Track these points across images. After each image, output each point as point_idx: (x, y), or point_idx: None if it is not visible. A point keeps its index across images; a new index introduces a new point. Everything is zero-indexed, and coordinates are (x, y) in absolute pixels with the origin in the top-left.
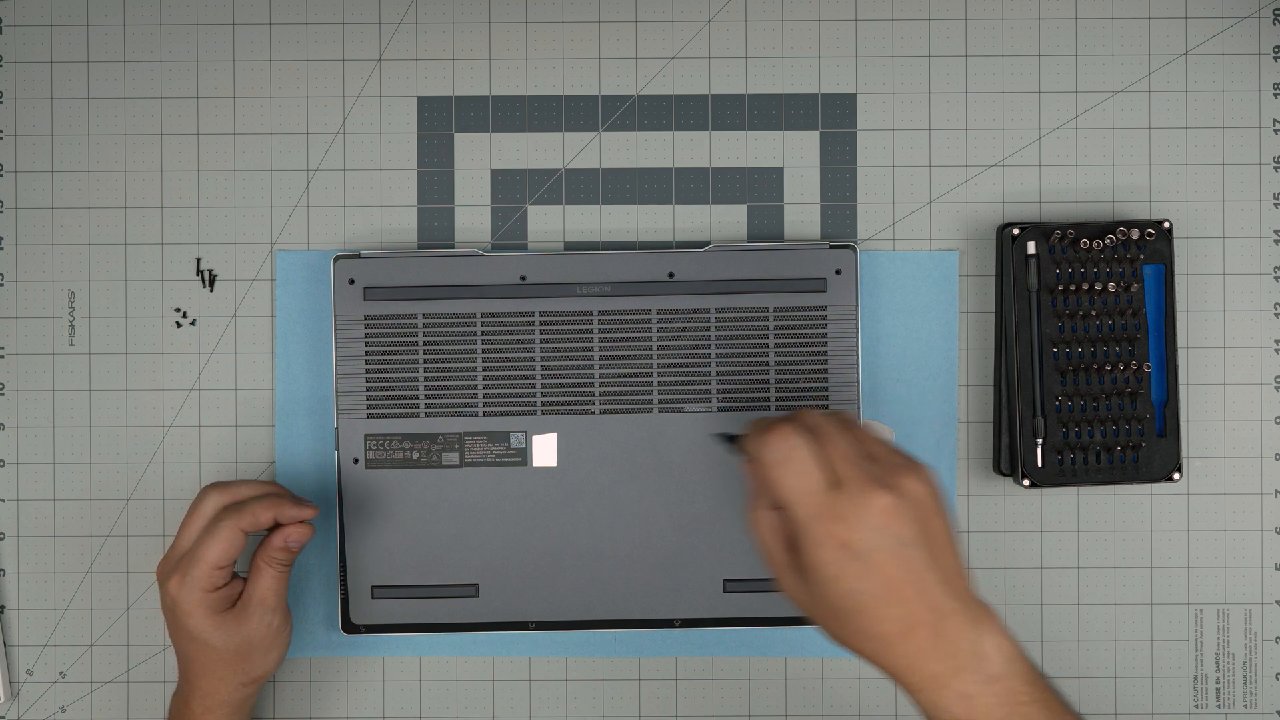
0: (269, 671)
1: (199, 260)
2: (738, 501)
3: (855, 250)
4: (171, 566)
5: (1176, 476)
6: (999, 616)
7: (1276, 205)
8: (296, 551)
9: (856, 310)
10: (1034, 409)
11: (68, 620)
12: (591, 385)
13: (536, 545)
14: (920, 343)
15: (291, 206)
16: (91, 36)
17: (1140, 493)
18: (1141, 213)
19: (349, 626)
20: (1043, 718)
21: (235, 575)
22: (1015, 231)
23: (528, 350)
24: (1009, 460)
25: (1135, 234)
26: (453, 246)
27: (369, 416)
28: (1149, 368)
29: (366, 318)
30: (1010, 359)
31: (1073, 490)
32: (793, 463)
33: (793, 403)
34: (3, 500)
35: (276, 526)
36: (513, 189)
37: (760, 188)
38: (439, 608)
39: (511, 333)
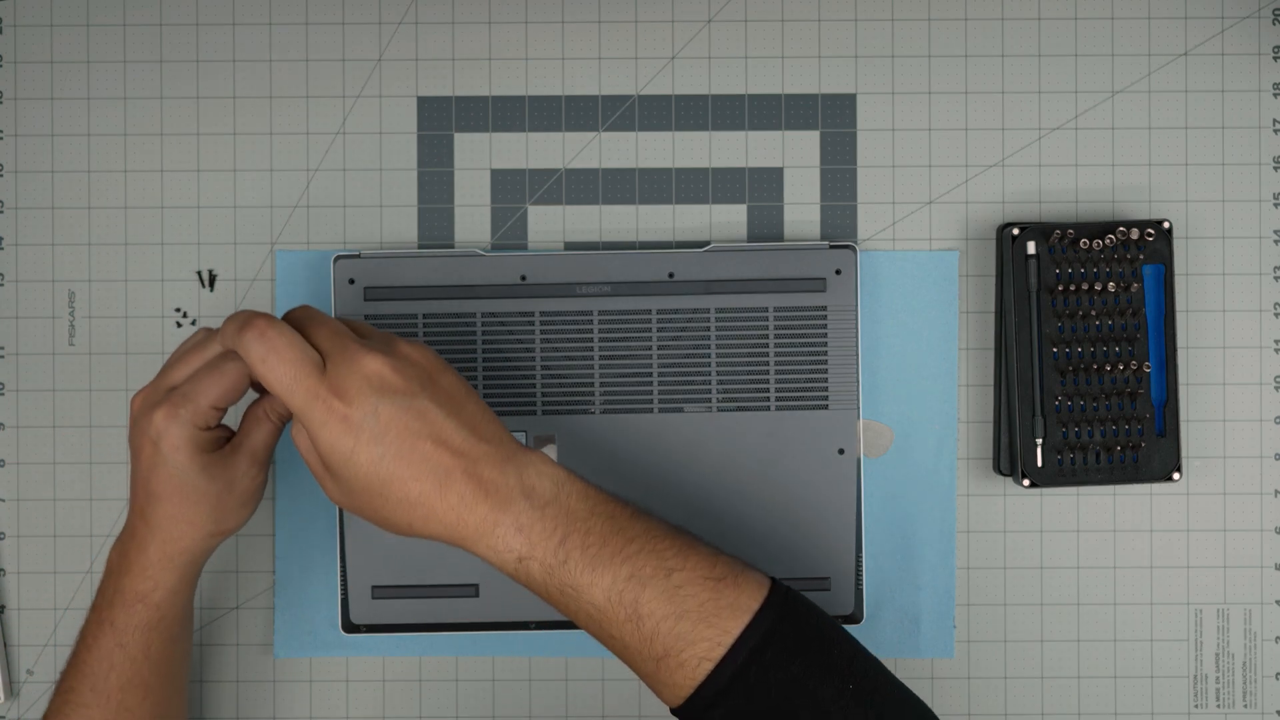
0: (238, 526)
1: (199, 260)
2: (738, 501)
3: (855, 250)
4: (159, 398)
5: (1176, 476)
6: (544, 454)
7: (1276, 205)
8: None
9: (856, 310)
10: (1034, 409)
11: (68, 620)
12: (591, 385)
13: None
14: (920, 343)
15: (291, 206)
16: (91, 36)
17: (1140, 493)
18: (1141, 213)
19: (349, 626)
20: (605, 528)
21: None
22: (1015, 231)
23: (528, 350)
24: (1009, 460)
25: (1135, 234)
26: (453, 246)
27: None
28: (1149, 368)
29: (366, 318)
30: (1010, 359)
31: (1073, 490)
32: (277, 353)
33: (793, 403)
34: (3, 500)
35: None
36: (513, 189)
37: (760, 188)
38: (439, 608)
39: (511, 333)
